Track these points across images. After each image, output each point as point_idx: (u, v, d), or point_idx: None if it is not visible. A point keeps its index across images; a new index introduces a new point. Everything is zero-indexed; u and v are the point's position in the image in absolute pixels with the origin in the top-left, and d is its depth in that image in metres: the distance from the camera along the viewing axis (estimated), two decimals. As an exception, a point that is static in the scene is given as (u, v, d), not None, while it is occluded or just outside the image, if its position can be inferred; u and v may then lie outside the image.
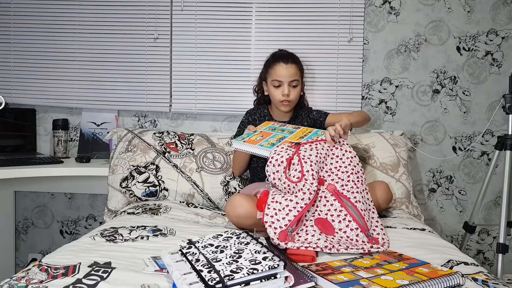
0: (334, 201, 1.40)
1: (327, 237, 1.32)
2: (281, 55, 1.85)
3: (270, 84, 1.84)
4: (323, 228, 1.34)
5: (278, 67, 1.81)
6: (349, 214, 1.37)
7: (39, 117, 2.40)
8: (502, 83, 2.28)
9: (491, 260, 2.34)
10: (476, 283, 1.07)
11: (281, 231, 1.28)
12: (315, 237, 1.29)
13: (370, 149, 2.06)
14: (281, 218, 1.32)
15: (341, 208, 1.38)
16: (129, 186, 1.93)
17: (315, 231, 1.32)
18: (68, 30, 2.32)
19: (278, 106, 1.85)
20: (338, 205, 1.39)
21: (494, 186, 2.26)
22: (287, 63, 1.80)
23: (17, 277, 1.03)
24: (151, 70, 2.32)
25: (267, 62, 1.89)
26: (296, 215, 1.32)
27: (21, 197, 2.45)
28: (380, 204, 1.73)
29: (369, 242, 1.32)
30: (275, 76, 1.81)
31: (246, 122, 1.90)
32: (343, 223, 1.36)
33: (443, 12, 2.28)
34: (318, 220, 1.37)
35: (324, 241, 1.28)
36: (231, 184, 1.96)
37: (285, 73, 1.79)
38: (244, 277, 0.91)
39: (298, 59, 1.88)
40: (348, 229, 1.34)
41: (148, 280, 1.04)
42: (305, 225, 1.35)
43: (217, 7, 2.28)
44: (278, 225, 1.30)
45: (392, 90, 2.32)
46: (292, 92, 1.81)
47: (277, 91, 1.82)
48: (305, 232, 1.32)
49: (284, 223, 1.30)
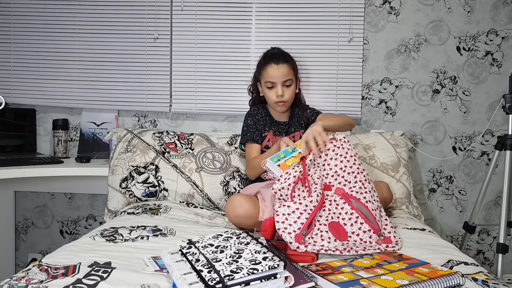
0: (344, 204, 1.37)
1: (343, 243, 1.29)
2: (272, 55, 1.82)
3: (264, 86, 1.82)
4: (336, 234, 1.31)
5: (269, 68, 1.78)
6: (361, 216, 1.34)
7: (39, 117, 2.40)
8: (502, 83, 2.28)
9: (491, 260, 2.34)
10: (476, 283, 1.06)
11: (296, 235, 1.25)
12: (331, 244, 1.27)
13: (370, 149, 2.07)
14: (293, 222, 1.28)
15: (352, 211, 1.35)
16: (129, 187, 1.93)
17: (330, 238, 1.29)
18: (68, 30, 2.32)
19: (274, 107, 1.83)
20: (348, 208, 1.36)
21: (494, 186, 2.26)
22: (278, 64, 1.77)
23: (17, 277, 1.03)
24: (151, 70, 2.32)
25: (259, 63, 1.86)
26: (307, 217, 1.29)
27: (21, 197, 2.45)
28: (381, 205, 1.73)
29: (384, 242, 1.30)
30: (267, 78, 1.78)
31: (252, 125, 1.85)
32: (355, 225, 1.33)
33: (443, 12, 2.28)
34: (331, 224, 1.33)
35: (341, 245, 1.26)
36: (231, 184, 1.96)
37: (277, 74, 1.76)
38: (244, 277, 0.91)
39: (290, 57, 1.84)
40: (361, 231, 1.32)
41: (148, 280, 1.04)
42: (320, 230, 1.31)
43: (217, 7, 2.28)
44: (291, 230, 1.27)
45: (392, 90, 2.32)
46: (286, 92, 1.78)
47: (271, 92, 1.79)
48: (320, 237, 1.29)
49: (297, 226, 1.27)
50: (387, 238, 1.32)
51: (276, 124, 1.88)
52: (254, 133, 1.83)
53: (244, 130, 1.87)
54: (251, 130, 1.84)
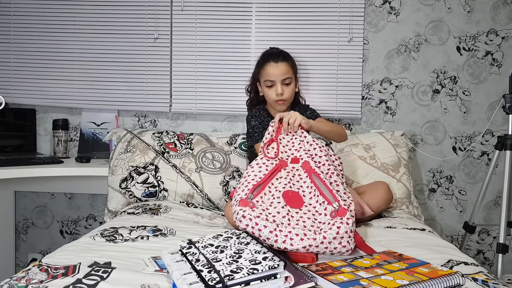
0: (307, 178, 1.41)
1: (290, 210, 1.32)
2: (271, 54, 1.83)
3: (263, 85, 1.83)
4: (289, 201, 1.35)
5: (268, 67, 1.79)
6: (317, 188, 1.38)
7: (39, 117, 2.40)
8: (502, 83, 2.28)
9: (491, 260, 2.34)
10: (476, 283, 1.07)
11: (241, 199, 1.31)
12: (276, 209, 1.30)
13: (371, 149, 2.07)
14: (241, 191, 1.35)
15: (311, 184, 1.39)
16: (129, 187, 1.93)
17: (279, 203, 1.33)
18: (68, 30, 2.32)
19: (274, 106, 1.84)
20: (309, 182, 1.41)
21: (494, 186, 2.26)
22: (277, 62, 1.78)
23: (17, 277, 1.03)
24: (151, 70, 2.32)
25: (258, 63, 1.87)
26: (254, 184, 1.36)
27: (21, 197, 2.45)
28: (381, 205, 1.73)
29: (337, 214, 1.29)
30: (266, 76, 1.80)
31: (257, 125, 1.83)
32: (314, 198, 1.37)
33: (443, 12, 2.28)
34: (286, 193, 1.38)
35: (283, 216, 1.28)
36: (231, 184, 1.96)
37: (276, 72, 1.78)
38: (244, 277, 0.91)
39: (289, 55, 1.85)
40: (318, 204, 1.35)
41: (148, 280, 1.04)
42: (273, 196, 1.36)
43: (217, 7, 2.28)
44: (239, 197, 1.33)
45: (392, 90, 2.32)
46: (286, 90, 1.79)
47: (270, 91, 1.81)
48: (270, 203, 1.33)
49: (244, 192, 1.34)
50: (343, 210, 1.30)
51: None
52: (262, 132, 1.81)
53: (250, 132, 1.85)
54: (257, 131, 1.83)
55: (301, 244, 1.21)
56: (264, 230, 1.22)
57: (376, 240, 1.43)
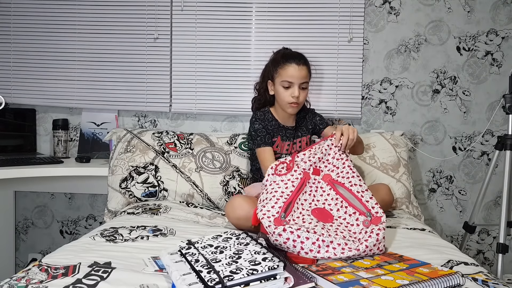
0: (330, 190, 1.41)
1: (325, 224, 1.32)
2: (293, 55, 1.79)
3: (279, 85, 1.77)
4: (320, 217, 1.35)
5: (290, 67, 1.74)
6: (345, 200, 1.38)
7: (39, 117, 2.40)
8: (502, 83, 2.28)
9: (491, 260, 2.34)
10: (476, 283, 1.07)
11: (275, 218, 1.29)
12: (312, 224, 1.30)
13: (370, 149, 2.06)
14: (271, 207, 1.33)
15: (337, 196, 1.39)
16: (129, 187, 1.93)
17: (312, 219, 1.33)
18: (68, 30, 2.32)
19: (285, 108, 1.79)
20: (333, 193, 1.40)
21: (494, 186, 2.26)
22: (299, 65, 1.74)
23: (17, 277, 1.03)
24: (151, 70, 2.32)
25: (276, 61, 1.80)
26: (285, 201, 1.34)
27: (21, 197, 2.45)
28: (381, 207, 1.72)
29: (372, 223, 1.31)
30: (285, 77, 1.75)
31: (261, 128, 1.80)
32: (341, 210, 1.37)
33: (443, 12, 2.28)
34: (313, 211, 1.37)
35: (321, 228, 1.28)
36: (231, 183, 1.96)
37: (297, 75, 1.73)
38: (243, 278, 0.91)
39: (308, 60, 1.82)
40: (347, 215, 1.35)
41: (148, 280, 1.04)
42: (302, 214, 1.35)
43: (217, 7, 2.28)
44: (270, 214, 1.31)
45: (392, 90, 2.32)
46: (301, 94, 1.75)
47: (286, 92, 1.76)
48: (302, 220, 1.33)
49: (276, 210, 1.32)
50: (377, 218, 1.32)
51: (283, 129, 1.84)
52: (265, 136, 1.78)
53: (253, 135, 1.81)
54: (261, 134, 1.79)
55: (345, 254, 1.23)
56: (307, 242, 1.23)
57: (376, 240, 1.43)
